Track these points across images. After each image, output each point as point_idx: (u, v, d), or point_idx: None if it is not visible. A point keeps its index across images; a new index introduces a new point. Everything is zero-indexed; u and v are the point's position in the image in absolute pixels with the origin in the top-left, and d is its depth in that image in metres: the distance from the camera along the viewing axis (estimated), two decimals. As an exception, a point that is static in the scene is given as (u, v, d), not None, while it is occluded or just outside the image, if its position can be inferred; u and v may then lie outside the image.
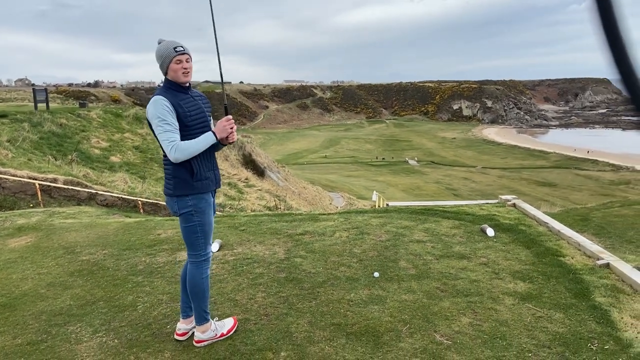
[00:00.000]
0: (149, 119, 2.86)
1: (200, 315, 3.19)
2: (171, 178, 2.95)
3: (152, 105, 2.82)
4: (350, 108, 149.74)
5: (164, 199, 3.25)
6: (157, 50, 2.90)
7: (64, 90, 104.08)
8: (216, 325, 3.28)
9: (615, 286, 3.77)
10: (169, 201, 3.02)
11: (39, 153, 14.77)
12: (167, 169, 2.98)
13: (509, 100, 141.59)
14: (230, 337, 3.26)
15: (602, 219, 11.54)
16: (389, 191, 49.30)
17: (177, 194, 2.95)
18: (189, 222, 3.01)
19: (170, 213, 3.14)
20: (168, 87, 2.91)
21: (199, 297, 3.16)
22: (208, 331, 3.21)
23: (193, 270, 3.16)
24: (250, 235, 5.66)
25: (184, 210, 2.97)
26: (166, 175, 3.02)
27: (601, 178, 59.28)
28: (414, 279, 4.13)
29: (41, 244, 5.76)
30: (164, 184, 3.08)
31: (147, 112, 2.87)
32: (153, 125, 2.83)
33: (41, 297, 4.09)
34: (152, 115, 2.81)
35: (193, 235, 3.05)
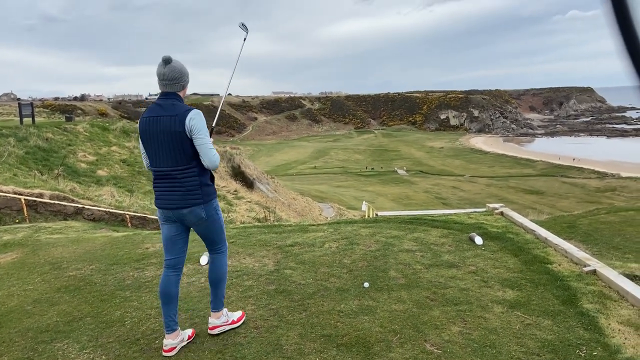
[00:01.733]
0: (195, 127, 2.99)
1: (220, 301, 3.47)
2: (198, 187, 3.10)
3: (200, 117, 3.03)
4: (339, 119, 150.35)
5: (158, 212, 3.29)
6: (182, 68, 3.09)
7: (50, 104, 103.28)
8: (227, 313, 3.54)
9: (602, 292, 3.81)
10: (196, 210, 3.12)
11: (24, 168, 14.62)
12: (193, 180, 3.09)
13: (495, 110, 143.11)
14: (219, 351, 3.23)
15: (589, 226, 11.66)
16: (378, 201, 49.41)
17: (206, 200, 3.14)
18: (217, 222, 3.28)
19: (191, 222, 3.20)
20: (179, 104, 3.09)
21: (223, 283, 3.47)
22: (222, 317, 3.46)
23: (222, 260, 3.46)
24: (240, 248, 5.63)
25: (212, 212, 3.19)
26: (191, 187, 3.09)
27: (587, 185, 59.97)
28: (404, 289, 4.13)
29: (27, 260, 5.68)
30: (181, 197, 3.10)
31: (192, 121, 2.99)
32: (200, 135, 3.00)
33: (27, 314, 4.03)
34: (201, 126, 3.02)
35: (221, 232, 3.36)
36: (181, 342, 3.30)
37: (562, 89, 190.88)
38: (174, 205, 3.11)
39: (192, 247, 5.69)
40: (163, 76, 3.04)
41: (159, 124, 3.02)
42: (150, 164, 3.17)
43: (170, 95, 3.09)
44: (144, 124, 3.09)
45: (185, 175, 3.07)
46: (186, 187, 3.08)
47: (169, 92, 3.09)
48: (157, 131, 3.02)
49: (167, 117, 3.00)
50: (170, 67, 3.04)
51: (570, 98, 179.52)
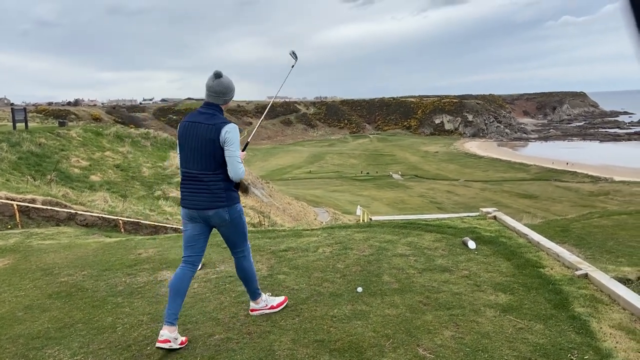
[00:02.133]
0: (229, 140, 3.26)
1: (254, 293, 3.79)
2: (223, 191, 3.35)
3: (234, 132, 3.29)
4: (334, 123, 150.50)
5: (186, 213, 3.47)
6: (229, 84, 3.39)
7: (44, 109, 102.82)
8: (268, 298, 3.87)
9: (594, 296, 3.82)
10: (220, 212, 3.36)
11: (17, 173, 14.54)
12: (219, 184, 3.33)
13: (489, 114, 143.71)
14: (212, 357, 3.22)
15: (582, 230, 11.70)
16: (373, 205, 49.42)
17: (230, 204, 3.38)
18: (240, 225, 3.52)
19: (215, 223, 3.44)
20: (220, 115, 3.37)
21: (252, 280, 3.73)
22: (260, 302, 3.81)
23: (244, 264, 3.67)
24: (233, 253, 5.62)
25: (235, 215, 3.43)
26: (216, 190, 3.34)
27: (580, 189, 60.23)
28: (397, 293, 4.13)
29: (19, 266, 5.65)
30: (207, 199, 3.34)
31: (227, 134, 3.26)
32: (231, 147, 3.26)
33: (18, 321, 4.00)
34: (234, 139, 3.28)
35: (243, 236, 3.58)
36: (175, 339, 3.31)
37: (555, 94, 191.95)
38: (200, 206, 3.35)
39: (185, 253, 5.68)
40: (211, 88, 3.35)
41: (197, 129, 3.29)
42: (181, 165, 3.44)
43: (213, 106, 3.38)
44: (182, 128, 3.38)
45: (212, 179, 3.31)
46: (212, 190, 3.32)
47: (212, 103, 3.38)
48: (193, 136, 3.29)
49: (205, 125, 3.27)
50: (219, 81, 3.35)
51: (563, 103, 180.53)
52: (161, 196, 17.35)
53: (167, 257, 5.57)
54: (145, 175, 19.79)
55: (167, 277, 4.87)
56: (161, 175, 20.46)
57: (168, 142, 28.31)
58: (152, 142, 26.27)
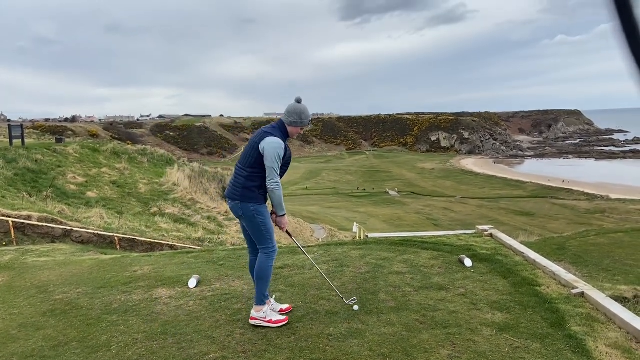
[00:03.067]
0: (265, 151, 3.68)
1: (259, 297, 3.95)
2: (241, 187, 3.80)
3: (269, 147, 3.68)
4: (331, 140, 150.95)
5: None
6: (300, 110, 3.83)
7: (41, 125, 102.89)
8: (269, 311, 3.96)
9: (590, 315, 3.82)
10: (236, 206, 3.85)
11: (13, 190, 14.49)
12: (242, 180, 3.82)
13: (485, 132, 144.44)
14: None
15: (579, 248, 11.71)
16: (370, 222, 49.30)
17: (244, 200, 3.79)
18: (255, 224, 3.85)
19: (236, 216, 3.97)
20: (283, 133, 3.84)
21: (264, 282, 3.93)
22: (260, 312, 3.94)
23: (262, 259, 3.93)
24: (229, 270, 5.60)
25: (248, 214, 3.81)
26: (238, 184, 3.83)
27: (577, 207, 60.29)
28: (394, 312, 4.12)
29: (13, 284, 5.61)
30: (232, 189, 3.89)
31: (262, 144, 3.71)
32: (267, 159, 3.68)
33: (12, 339, 3.97)
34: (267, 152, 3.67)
35: (260, 235, 3.89)
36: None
37: (550, 112, 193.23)
38: (228, 194, 3.93)
39: (181, 270, 5.67)
40: (286, 109, 3.88)
41: (255, 133, 3.90)
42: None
43: (279, 122, 3.90)
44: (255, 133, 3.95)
45: (242, 174, 3.82)
46: (237, 183, 3.84)
47: (281, 121, 3.88)
48: (252, 138, 3.89)
49: (261, 132, 3.85)
50: (293, 104, 3.85)
51: (558, 120, 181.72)
52: (157, 213, 17.30)
53: (162, 275, 5.54)
54: (142, 191, 19.75)
55: (163, 295, 4.84)
56: (157, 191, 20.42)
57: (165, 159, 28.32)
58: (149, 159, 26.26)
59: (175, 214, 17.75)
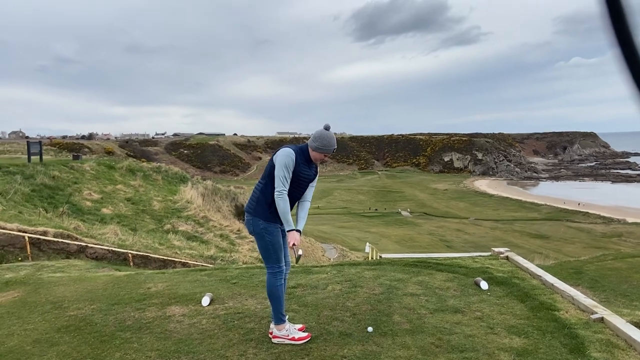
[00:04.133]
0: (278, 160, 3.75)
1: (277, 316, 3.98)
2: (255, 201, 3.86)
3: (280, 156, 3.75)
4: (343, 159, 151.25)
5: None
6: (325, 137, 3.83)
7: (58, 142, 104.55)
8: (291, 329, 3.99)
9: (610, 341, 3.73)
10: (248, 220, 3.91)
11: (30, 205, 14.68)
12: (256, 193, 3.88)
13: (498, 153, 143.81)
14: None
15: (596, 272, 11.51)
16: (382, 242, 49.02)
17: (254, 215, 3.84)
18: (261, 241, 3.88)
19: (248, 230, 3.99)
20: (304, 154, 3.87)
21: (276, 301, 3.96)
22: (282, 330, 3.96)
23: (269, 279, 3.97)
24: (242, 289, 5.59)
25: (257, 230, 3.84)
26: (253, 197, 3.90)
27: (593, 230, 59.44)
28: (408, 334, 4.06)
29: (28, 299, 5.64)
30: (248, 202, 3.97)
31: (278, 154, 3.79)
32: (280, 164, 3.72)
33: (27, 354, 3.97)
34: (277, 161, 3.74)
35: (265, 253, 3.93)
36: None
37: (565, 134, 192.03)
38: (246, 207, 3.98)
39: (194, 288, 5.67)
40: (313, 134, 3.90)
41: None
42: None
43: (305, 144, 3.95)
44: None
45: (257, 187, 3.92)
46: (253, 195, 3.92)
47: (306, 144, 3.93)
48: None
49: (280, 148, 3.89)
50: (320, 130, 3.88)
51: (574, 143, 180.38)
52: (170, 230, 17.38)
53: (176, 292, 5.54)
54: (156, 208, 19.89)
55: (176, 313, 4.84)
56: (171, 209, 20.55)
57: (179, 176, 28.54)
58: (163, 176, 26.49)
59: (188, 232, 17.82)
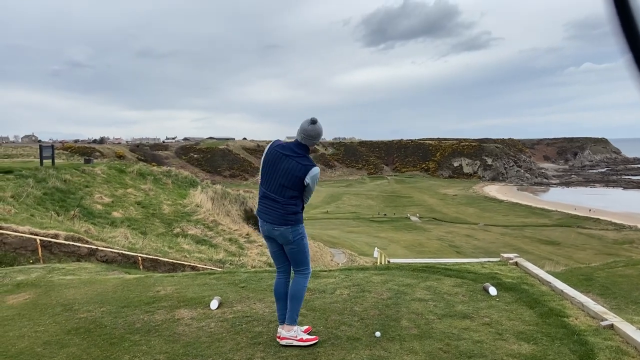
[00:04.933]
0: (312, 180, 3.77)
1: (292, 317, 3.99)
2: (293, 215, 3.82)
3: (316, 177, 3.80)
4: (352, 164, 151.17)
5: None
6: (320, 131, 3.81)
7: (70, 146, 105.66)
8: (299, 331, 4.01)
9: (620, 348, 3.70)
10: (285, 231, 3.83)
11: (42, 209, 14.83)
12: (290, 208, 3.82)
13: (508, 159, 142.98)
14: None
15: (607, 279, 11.38)
16: (390, 247, 48.85)
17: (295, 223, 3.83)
18: (302, 244, 3.91)
19: (282, 242, 3.92)
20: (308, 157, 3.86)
21: (299, 302, 4.00)
22: (291, 332, 3.97)
23: (304, 280, 4.01)
24: (250, 292, 5.61)
25: (297, 237, 3.85)
26: (286, 211, 3.82)
27: (604, 237, 58.83)
28: (416, 339, 4.06)
29: (39, 301, 5.70)
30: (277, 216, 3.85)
31: (311, 178, 3.77)
32: (313, 186, 3.80)
33: (37, 356, 4.02)
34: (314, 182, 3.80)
35: (304, 255, 3.95)
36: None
37: (576, 139, 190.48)
38: (271, 220, 3.87)
39: (202, 291, 5.70)
40: (305, 132, 3.78)
41: (287, 163, 3.77)
42: (261, 184, 3.95)
43: (303, 147, 3.83)
44: (272, 154, 3.86)
45: (287, 203, 3.81)
46: (284, 209, 3.81)
47: (303, 145, 3.82)
48: (282, 167, 3.78)
49: (296, 163, 3.76)
50: (313, 127, 3.78)
51: (584, 148, 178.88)
52: (180, 233, 17.47)
53: (185, 295, 5.58)
54: (165, 212, 20.00)
55: (185, 316, 4.87)
56: (181, 212, 20.66)
57: (189, 180, 28.70)
58: (173, 180, 26.66)
59: (198, 235, 17.90)
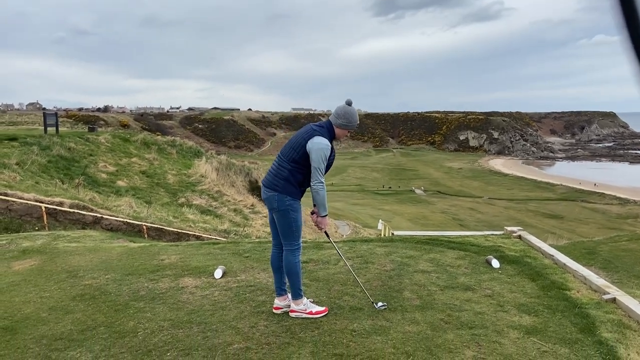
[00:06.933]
0: (311, 152, 3.71)
1: (295, 292, 4.01)
2: (283, 180, 3.82)
3: (315, 147, 3.71)
4: (357, 137, 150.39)
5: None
6: (350, 113, 3.87)
7: (74, 114, 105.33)
8: (308, 303, 4.04)
9: (622, 322, 3.71)
10: (272, 196, 3.85)
11: (46, 176, 14.89)
12: (283, 172, 3.83)
13: (515, 132, 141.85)
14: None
15: (609, 253, 11.39)
16: (395, 220, 49.07)
17: (281, 192, 3.81)
18: (287, 218, 3.88)
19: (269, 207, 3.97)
20: (330, 134, 3.87)
21: (294, 277, 3.99)
22: (300, 305, 4.00)
23: (288, 258, 3.97)
24: (254, 262, 5.64)
25: (282, 207, 3.83)
26: (278, 175, 3.85)
27: (608, 211, 58.77)
28: (418, 310, 4.08)
29: (45, 268, 5.76)
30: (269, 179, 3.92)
31: (309, 144, 3.73)
32: (312, 159, 3.71)
33: (42, 321, 4.07)
34: (313, 152, 3.70)
35: (289, 230, 3.92)
36: (287, 306, 4.07)
37: (584, 113, 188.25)
38: (264, 182, 3.95)
39: (207, 261, 5.74)
40: (335, 110, 3.92)
41: (303, 129, 3.93)
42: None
43: (328, 122, 3.93)
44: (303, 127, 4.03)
45: (283, 166, 3.84)
46: (276, 173, 3.86)
47: (330, 122, 3.92)
48: (298, 132, 3.94)
49: (309, 128, 3.89)
50: (343, 106, 3.90)
51: (592, 122, 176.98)
52: (185, 203, 17.55)
53: (189, 264, 5.62)
54: (170, 182, 20.06)
55: (189, 284, 4.91)
56: (185, 182, 20.71)
57: (193, 150, 28.68)
58: (178, 150, 26.64)
59: (202, 206, 17.98)
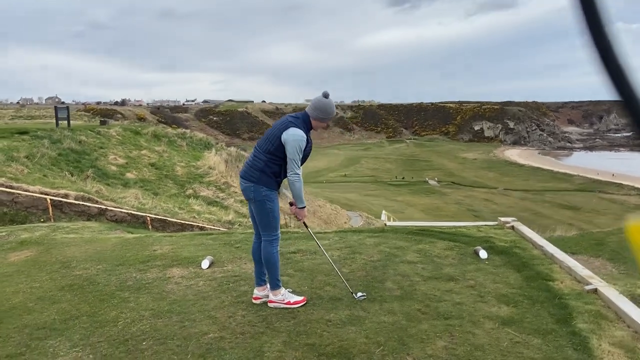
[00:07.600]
0: (286, 143, 3.74)
1: (273, 282, 4.04)
2: (258, 171, 3.84)
3: (290, 138, 3.74)
4: (371, 127, 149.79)
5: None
6: (326, 105, 3.91)
7: (92, 108, 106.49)
8: (287, 294, 4.08)
9: (600, 312, 3.67)
10: (248, 187, 3.88)
11: (56, 169, 15.13)
12: (259, 163, 3.85)
13: (531, 122, 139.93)
14: (202, 355, 3.27)
15: (618, 244, 11.18)
16: (408, 211, 48.91)
17: (257, 183, 3.83)
18: (264, 209, 3.91)
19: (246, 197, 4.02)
20: (306, 125, 3.90)
21: (272, 268, 4.01)
22: (278, 295, 4.03)
23: (266, 248, 3.99)
24: (243, 253, 5.68)
25: (259, 198, 3.87)
26: (254, 166, 3.87)
27: (626, 202, 57.78)
28: (397, 300, 4.08)
29: (40, 258, 5.87)
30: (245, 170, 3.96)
31: (285, 136, 3.76)
32: (288, 150, 3.74)
33: (28, 311, 4.16)
34: (288, 143, 3.73)
35: (267, 220, 3.95)
36: (266, 296, 4.09)
37: (602, 103, 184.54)
38: (243, 174, 3.96)
39: (197, 251, 5.79)
40: (312, 102, 3.96)
41: (279, 121, 3.98)
42: None
43: (304, 113, 3.97)
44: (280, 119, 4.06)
45: (259, 157, 3.87)
46: (252, 164, 3.89)
47: (305, 112, 3.97)
48: (274, 124, 3.98)
49: (284, 120, 3.94)
50: (319, 98, 3.93)
51: (611, 112, 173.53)
52: (192, 195, 17.71)
53: (179, 255, 5.68)
54: (179, 174, 20.24)
55: (176, 275, 4.97)
56: (194, 174, 20.88)
57: (203, 142, 28.85)
58: (188, 142, 26.83)
59: (209, 197, 18.13)
